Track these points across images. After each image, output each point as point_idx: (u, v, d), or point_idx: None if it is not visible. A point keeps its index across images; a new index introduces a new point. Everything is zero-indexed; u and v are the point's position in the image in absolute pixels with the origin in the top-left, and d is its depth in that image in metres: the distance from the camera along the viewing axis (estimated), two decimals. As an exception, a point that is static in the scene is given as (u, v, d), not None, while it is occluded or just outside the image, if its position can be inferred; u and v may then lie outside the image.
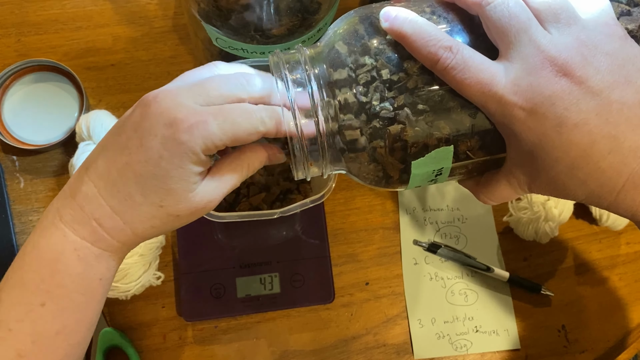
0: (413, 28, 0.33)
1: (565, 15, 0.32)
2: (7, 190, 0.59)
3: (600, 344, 0.62)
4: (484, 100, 0.32)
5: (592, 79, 0.31)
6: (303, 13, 0.47)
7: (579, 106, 0.31)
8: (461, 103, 0.33)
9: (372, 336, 0.60)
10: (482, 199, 0.38)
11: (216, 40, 0.50)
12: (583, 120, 0.31)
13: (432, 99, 0.33)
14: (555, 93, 0.31)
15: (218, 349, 0.58)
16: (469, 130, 0.34)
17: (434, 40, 0.32)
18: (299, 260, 0.59)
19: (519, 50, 0.32)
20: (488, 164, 0.36)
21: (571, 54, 0.31)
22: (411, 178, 0.35)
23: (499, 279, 0.62)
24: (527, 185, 0.34)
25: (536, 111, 0.31)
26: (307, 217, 0.60)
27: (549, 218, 0.59)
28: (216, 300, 0.57)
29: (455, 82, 0.32)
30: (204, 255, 0.58)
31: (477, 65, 0.32)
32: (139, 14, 0.65)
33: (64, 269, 0.35)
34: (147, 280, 0.54)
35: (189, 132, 0.33)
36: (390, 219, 0.63)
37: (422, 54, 0.32)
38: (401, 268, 0.62)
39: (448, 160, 0.34)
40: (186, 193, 0.34)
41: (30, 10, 0.64)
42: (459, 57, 0.32)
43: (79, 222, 0.35)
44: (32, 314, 0.35)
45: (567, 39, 0.32)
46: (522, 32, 0.32)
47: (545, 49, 0.31)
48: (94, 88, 0.62)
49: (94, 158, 0.35)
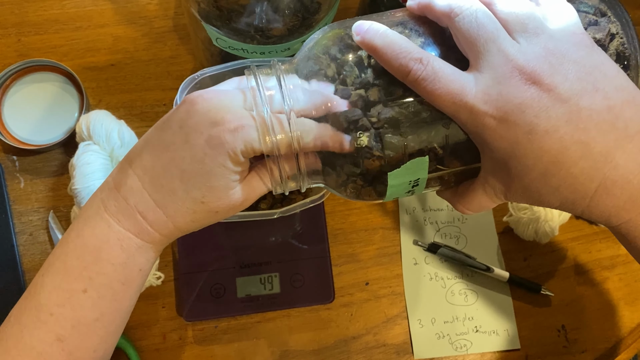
0: (384, 41, 0.33)
1: (533, 25, 0.33)
2: (7, 190, 0.59)
3: (600, 344, 0.62)
4: (455, 110, 0.32)
5: (561, 87, 0.31)
6: (303, 13, 0.47)
7: (548, 113, 0.31)
8: (434, 114, 0.34)
9: (372, 336, 0.60)
10: (459, 209, 0.38)
11: (216, 40, 0.50)
12: (553, 127, 0.31)
13: (406, 110, 0.34)
14: (525, 101, 0.31)
15: (218, 349, 0.58)
16: (443, 141, 0.34)
17: (405, 53, 0.32)
18: (299, 260, 0.59)
19: (488, 60, 0.32)
20: (464, 173, 0.37)
21: (539, 62, 0.31)
22: (388, 189, 0.36)
23: (499, 279, 0.62)
24: (502, 194, 0.35)
25: (507, 119, 0.31)
26: (307, 217, 0.60)
27: (548, 218, 0.59)
28: (216, 300, 0.57)
29: (426, 93, 0.32)
30: (204, 255, 0.58)
31: (447, 76, 0.32)
32: (139, 14, 0.65)
33: (107, 257, 0.36)
34: (148, 280, 0.54)
35: (233, 134, 0.33)
36: (390, 219, 0.63)
37: (393, 66, 0.33)
38: (401, 268, 0.62)
39: (424, 170, 0.35)
40: (226, 190, 0.35)
41: (31, 10, 0.64)
42: (429, 68, 0.32)
43: (123, 214, 0.36)
44: (74, 299, 0.36)
45: (535, 48, 0.32)
46: (491, 42, 0.32)
47: (513, 58, 0.31)
48: (94, 88, 0.62)
49: (138, 152, 0.36)
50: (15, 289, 0.56)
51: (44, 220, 0.59)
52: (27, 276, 0.57)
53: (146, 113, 0.62)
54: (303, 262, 0.59)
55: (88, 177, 0.53)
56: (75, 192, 0.53)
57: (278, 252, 0.59)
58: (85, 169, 0.53)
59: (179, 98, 0.50)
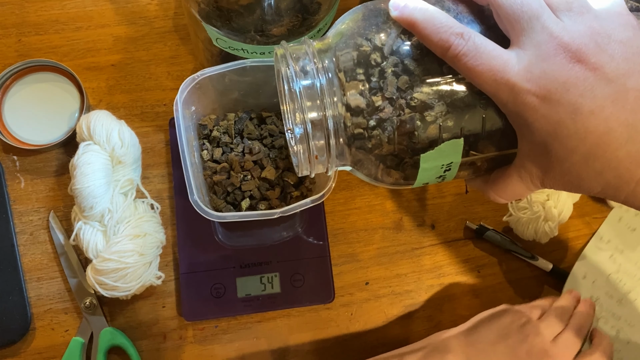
0: (424, 15, 0.32)
1: (578, 4, 0.32)
2: (8, 190, 0.59)
3: (600, 343, 0.62)
4: (496, 87, 0.31)
5: (607, 66, 0.30)
6: (303, 13, 0.47)
7: (594, 93, 0.30)
8: (472, 94, 0.33)
9: (372, 336, 0.60)
10: (492, 197, 0.37)
11: (216, 40, 0.50)
12: (599, 107, 0.30)
13: (442, 90, 0.33)
14: (570, 79, 0.30)
15: (218, 349, 0.58)
16: (479, 124, 0.33)
17: (445, 27, 0.31)
18: (299, 260, 0.59)
19: (531, 37, 0.31)
20: (497, 160, 0.36)
21: (585, 40, 0.30)
22: (419, 173, 0.35)
23: (542, 268, 0.62)
24: (539, 180, 0.34)
25: (550, 98, 0.30)
26: (307, 217, 0.60)
27: (548, 218, 0.59)
28: (216, 300, 0.57)
29: (466, 70, 0.31)
30: (204, 255, 0.58)
31: (489, 52, 0.31)
32: (139, 14, 0.65)
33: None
34: (148, 280, 0.55)
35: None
36: (390, 219, 0.63)
37: (432, 41, 0.32)
38: (401, 268, 0.62)
39: (458, 154, 0.34)
40: None
41: (31, 11, 0.64)
42: (470, 43, 0.31)
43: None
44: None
45: (580, 26, 0.31)
46: (535, 19, 0.31)
47: (558, 36, 0.30)
48: (94, 88, 0.63)
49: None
50: (15, 289, 0.56)
51: (45, 220, 0.59)
52: (27, 276, 0.58)
53: (146, 113, 0.62)
54: (303, 262, 0.59)
55: (88, 177, 0.53)
56: (76, 192, 0.53)
57: (278, 252, 0.59)
58: (86, 168, 0.53)
59: (179, 98, 0.50)
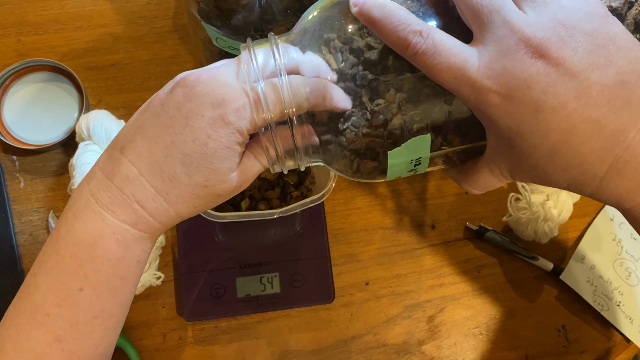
0: (382, 12, 0.31)
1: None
2: (7, 190, 0.59)
3: (600, 344, 0.62)
4: (457, 85, 0.30)
5: (570, 60, 0.29)
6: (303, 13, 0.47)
7: (556, 89, 0.29)
8: (436, 90, 0.32)
9: (372, 336, 0.60)
10: (465, 188, 0.37)
11: (216, 40, 0.50)
12: (561, 104, 0.29)
13: (406, 86, 0.32)
14: (531, 76, 0.29)
15: (218, 349, 0.58)
16: (445, 118, 0.33)
17: (403, 25, 0.31)
18: (299, 260, 0.59)
19: (492, 32, 0.30)
20: (470, 152, 0.35)
21: (547, 34, 0.29)
22: (389, 168, 0.34)
23: (543, 268, 0.62)
24: (509, 173, 0.34)
25: (512, 96, 0.30)
26: (307, 217, 0.60)
27: (548, 218, 0.59)
28: (216, 300, 0.57)
29: (426, 68, 0.31)
30: (204, 255, 0.58)
31: (449, 49, 0.30)
32: (139, 14, 0.65)
33: (103, 253, 0.35)
34: (147, 280, 0.54)
35: (237, 113, 0.33)
36: (390, 219, 0.63)
37: (391, 40, 0.31)
38: (401, 268, 0.61)
39: (426, 149, 0.34)
40: (229, 172, 0.34)
41: (30, 10, 0.64)
42: (429, 41, 0.30)
43: (118, 205, 0.34)
44: (70, 299, 0.35)
45: (544, 18, 0.30)
46: (495, 13, 0.30)
47: (519, 30, 0.29)
48: (94, 88, 0.62)
49: (129, 138, 0.34)
50: (15, 289, 0.56)
51: (44, 220, 0.59)
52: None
53: (146, 113, 0.62)
54: (303, 262, 0.59)
55: (88, 177, 0.53)
56: (75, 192, 0.53)
57: (278, 252, 0.59)
58: (85, 169, 0.53)
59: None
